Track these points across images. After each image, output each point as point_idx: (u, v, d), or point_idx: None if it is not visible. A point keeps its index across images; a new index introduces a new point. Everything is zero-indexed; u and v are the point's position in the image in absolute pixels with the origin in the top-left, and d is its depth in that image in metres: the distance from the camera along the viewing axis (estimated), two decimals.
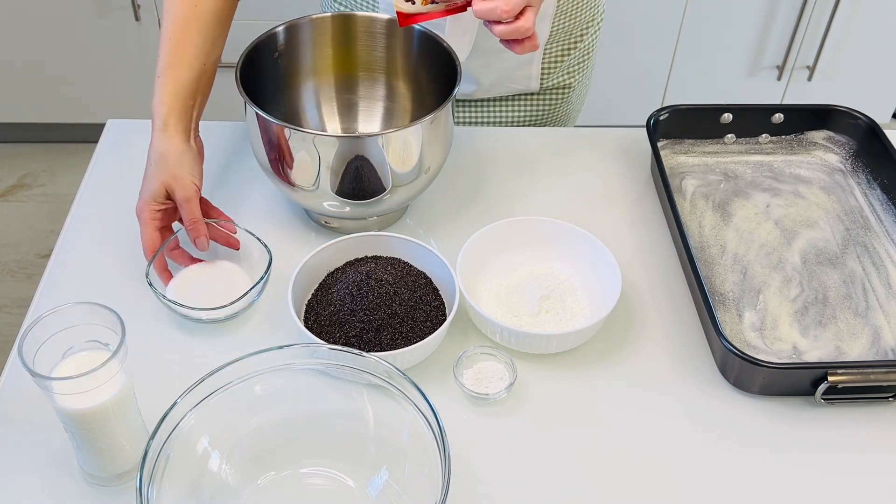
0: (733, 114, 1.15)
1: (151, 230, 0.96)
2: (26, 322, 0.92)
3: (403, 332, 0.90)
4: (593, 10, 1.22)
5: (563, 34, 1.20)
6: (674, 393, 0.91)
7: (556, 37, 1.20)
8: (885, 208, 1.08)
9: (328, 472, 0.82)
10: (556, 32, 1.19)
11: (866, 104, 2.09)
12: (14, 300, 2.14)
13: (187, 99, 0.98)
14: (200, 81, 1.00)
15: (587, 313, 0.96)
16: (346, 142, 0.94)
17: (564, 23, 1.19)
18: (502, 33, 0.90)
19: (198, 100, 1.00)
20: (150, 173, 0.96)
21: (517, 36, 0.90)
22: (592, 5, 1.21)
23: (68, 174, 2.45)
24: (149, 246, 0.95)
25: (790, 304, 0.98)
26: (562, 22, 1.18)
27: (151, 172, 0.96)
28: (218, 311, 0.92)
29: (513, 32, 0.90)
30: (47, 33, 2.24)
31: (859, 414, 0.90)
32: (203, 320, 0.95)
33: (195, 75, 0.98)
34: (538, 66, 1.22)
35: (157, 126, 0.96)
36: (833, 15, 2.20)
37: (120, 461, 0.80)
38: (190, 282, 0.96)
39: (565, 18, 1.18)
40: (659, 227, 1.08)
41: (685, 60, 2.32)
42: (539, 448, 0.86)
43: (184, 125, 0.97)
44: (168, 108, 0.96)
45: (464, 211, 1.09)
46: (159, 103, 0.97)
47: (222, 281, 0.97)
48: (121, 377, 0.75)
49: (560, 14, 1.17)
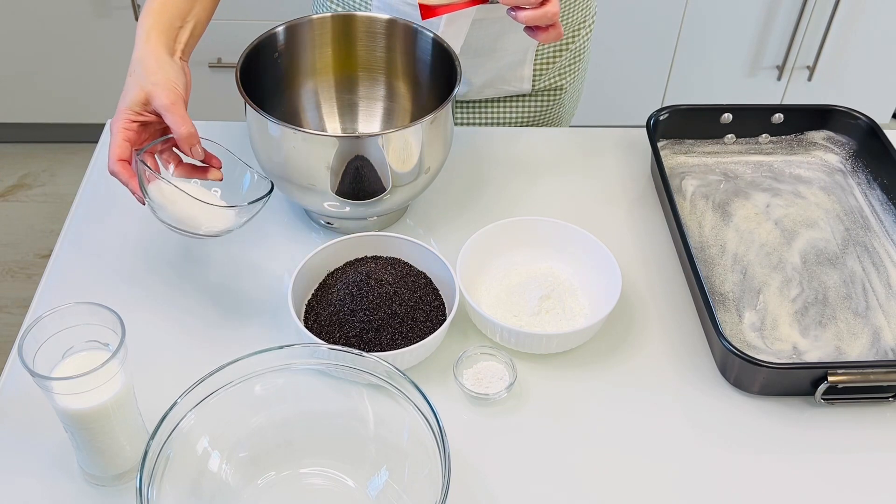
0: (733, 114, 1.15)
1: (121, 139, 0.87)
2: (26, 322, 0.92)
3: (403, 332, 0.90)
4: (585, 12, 1.22)
5: None
6: (674, 393, 0.91)
7: None
8: (885, 208, 1.08)
9: (328, 472, 0.82)
10: None
11: (866, 104, 2.10)
12: (14, 300, 2.14)
13: (174, 19, 0.94)
14: (193, 7, 0.96)
15: (587, 313, 0.96)
16: (346, 142, 0.94)
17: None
18: (528, 19, 0.88)
19: (189, 24, 0.96)
20: (128, 83, 0.90)
21: (544, 22, 0.89)
22: (584, 6, 1.21)
23: (68, 174, 2.45)
24: (117, 155, 0.87)
25: (790, 305, 0.98)
26: None
27: (130, 82, 0.90)
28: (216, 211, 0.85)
29: (540, 18, 0.88)
30: (47, 33, 2.24)
31: (859, 414, 0.90)
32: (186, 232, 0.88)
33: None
34: (530, 67, 1.21)
35: (140, 38, 0.92)
36: (833, 15, 2.20)
37: (120, 461, 0.80)
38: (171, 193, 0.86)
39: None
40: (659, 227, 1.08)
41: (685, 60, 2.32)
42: (539, 448, 0.86)
43: (167, 40, 0.93)
44: (152, 21, 0.93)
45: (464, 211, 1.09)
46: (144, 16, 0.93)
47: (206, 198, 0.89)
48: (121, 377, 0.75)
49: None
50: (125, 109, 0.89)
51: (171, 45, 0.94)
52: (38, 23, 2.22)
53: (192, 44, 0.98)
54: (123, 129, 0.88)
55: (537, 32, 0.91)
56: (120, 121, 0.89)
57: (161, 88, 0.88)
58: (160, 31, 0.93)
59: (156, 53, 0.91)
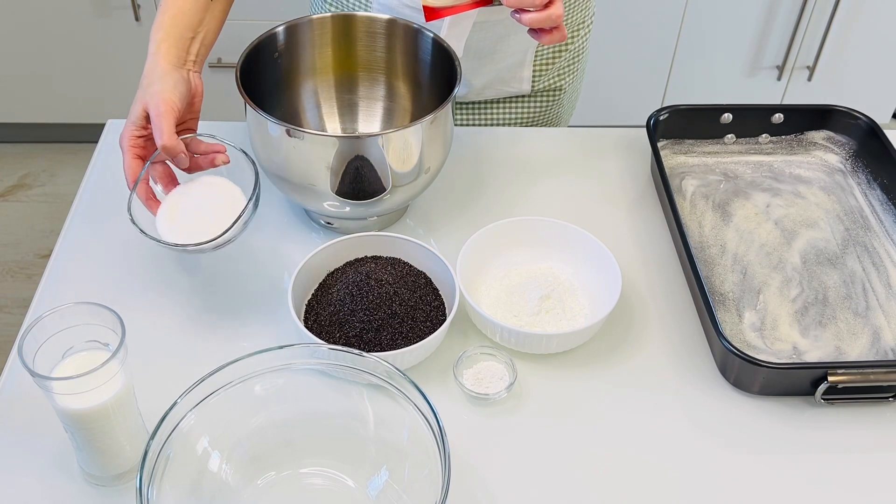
0: (733, 114, 1.15)
1: (131, 157, 0.90)
2: (26, 322, 0.92)
3: (403, 332, 0.90)
4: (584, 13, 1.22)
5: None
6: (674, 393, 0.91)
7: None
8: (885, 208, 1.08)
9: (328, 472, 0.82)
10: None
11: (866, 104, 2.09)
12: (14, 300, 2.14)
13: (186, 30, 0.95)
14: (204, 17, 0.97)
15: (587, 313, 0.96)
16: (346, 142, 0.94)
17: None
18: (532, 21, 0.88)
19: (200, 34, 0.97)
20: (136, 97, 0.92)
21: (548, 24, 0.89)
22: (583, 7, 1.21)
23: (68, 174, 2.45)
24: (129, 175, 0.90)
25: (790, 305, 0.98)
26: None
27: (137, 96, 0.91)
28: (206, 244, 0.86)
29: (544, 20, 0.88)
30: (47, 33, 2.24)
31: (859, 414, 0.90)
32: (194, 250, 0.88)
33: (199, 8, 0.96)
34: (530, 68, 1.21)
35: (150, 51, 0.93)
36: (833, 15, 2.20)
37: (120, 461, 0.80)
38: (178, 206, 0.89)
39: None
40: (659, 227, 1.08)
41: (685, 60, 2.32)
42: (539, 448, 0.86)
43: (177, 52, 0.94)
44: (163, 33, 0.94)
45: (464, 211, 1.09)
46: (155, 29, 0.94)
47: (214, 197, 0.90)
48: (121, 377, 0.75)
49: None
50: (130, 125, 0.91)
51: (183, 56, 0.95)
52: (38, 23, 2.22)
53: (203, 53, 0.98)
54: (131, 148, 0.90)
55: (541, 35, 0.91)
56: (126, 138, 0.91)
57: (154, 100, 0.89)
58: (171, 44, 0.94)
59: (160, 66, 0.92)
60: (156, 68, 0.92)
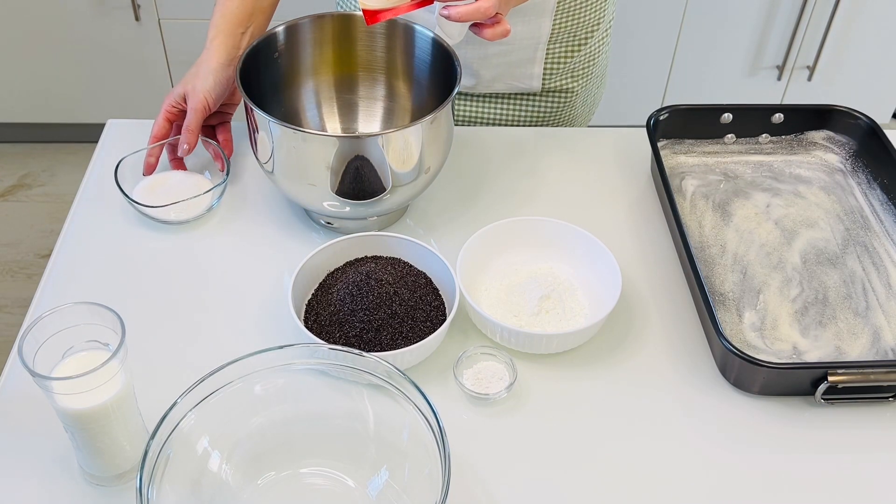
0: (733, 114, 1.15)
1: (162, 118, 1.06)
2: (26, 322, 0.92)
3: (403, 332, 0.90)
4: (599, 14, 1.22)
5: (566, 34, 1.20)
6: (674, 393, 0.91)
7: (558, 36, 1.20)
8: (885, 208, 1.08)
9: (328, 472, 0.82)
10: (559, 32, 1.19)
11: (866, 104, 2.10)
12: (14, 300, 2.14)
13: (236, 26, 1.06)
14: (253, 13, 1.07)
15: (587, 313, 0.96)
16: (346, 142, 0.94)
17: (567, 22, 1.18)
18: (461, 16, 0.87)
19: (250, 29, 1.07)
20: (189, 73, 1.06)
21: (478, 18, 0.87)
22: (597, 7, 1.21)
23: (68, 174, 2.45)
24: (155, 129, 1.06)
25: (790, 304, 0.98)
26: (564, 21, 1.18)
27: (189, 72, 1.06)
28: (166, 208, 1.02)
29: (472, 14, 0.87)
30: (47, 33, 2.24)
31: (859, 414, 0.90)
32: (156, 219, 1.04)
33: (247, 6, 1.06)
34: (541, 65, 1.21)
35: (208, 40, 1.06)
36: (833, 15, 2.20)
37: (120, 461, 0.80)
38: (162, 184, 1.06)
39: (568, 18, 1.18)
40: (659, 227, 1.08)
41: (685, 60, 2.32)
42: (539, 448, 0.86)
43: (227, 50, 1.05)
44: (217, 29, 1.06)
45: (464, 211, 1.09)
46: (212, 24, 1.06)
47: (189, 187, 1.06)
48: (121, 377, 0.75)
49: (562, 13, 1.17)
50: (171, 96, 1.06)
51: (233, 52, 1.06)
52: (39, 22, 2.22)
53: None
54: (165, 111, 1.06)
55: (481, 29, 0.90)
56: (166, 102, 1.06)
57: (193, 94, 1.04)
58: (224, 39, 1.06)
59: (210, 63, 1.05)
60: (207, 62, 1.05)
